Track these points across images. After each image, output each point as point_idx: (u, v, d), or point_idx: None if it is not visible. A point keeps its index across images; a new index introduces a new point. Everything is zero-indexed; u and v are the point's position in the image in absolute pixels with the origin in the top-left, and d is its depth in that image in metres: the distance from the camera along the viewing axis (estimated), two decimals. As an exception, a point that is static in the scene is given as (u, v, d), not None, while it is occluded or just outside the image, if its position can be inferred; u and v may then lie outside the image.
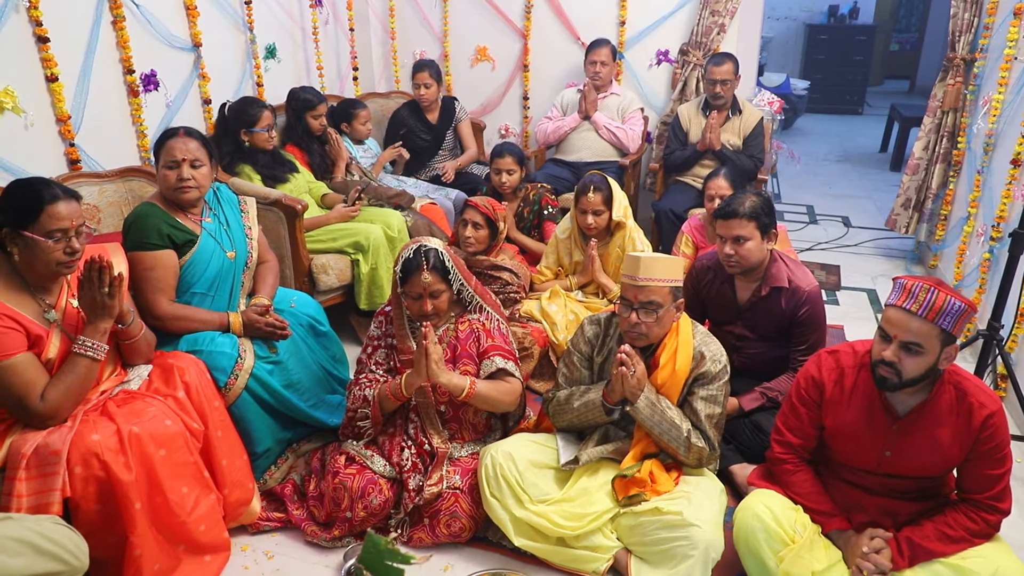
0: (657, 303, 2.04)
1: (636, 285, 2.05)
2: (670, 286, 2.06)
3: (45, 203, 1.88)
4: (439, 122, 4.32)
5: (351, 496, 2.19)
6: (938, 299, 1.73)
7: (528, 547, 2.11)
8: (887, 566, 1.86)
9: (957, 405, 1.86)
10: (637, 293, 2.05)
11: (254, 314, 2.40)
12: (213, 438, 2.16)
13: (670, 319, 2.09)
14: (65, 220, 1.90)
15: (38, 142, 2.72)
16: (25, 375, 1.87)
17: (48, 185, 1.92)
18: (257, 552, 2.24)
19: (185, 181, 2.29)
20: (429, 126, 4.31)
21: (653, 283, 2.03)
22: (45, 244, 1.88)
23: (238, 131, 3.18)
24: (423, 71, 4.21)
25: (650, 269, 2.04)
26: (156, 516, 1.95)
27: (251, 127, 3.15)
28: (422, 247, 2.23)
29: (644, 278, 2.04)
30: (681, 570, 1.91)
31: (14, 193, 1.91)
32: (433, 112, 4.32)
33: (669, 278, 2.05)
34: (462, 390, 2.20)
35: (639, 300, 2.05)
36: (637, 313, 2.06)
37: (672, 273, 2.07)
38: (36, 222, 1.87)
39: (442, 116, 4.33)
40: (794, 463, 2.05)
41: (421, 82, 4.21)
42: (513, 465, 2.12)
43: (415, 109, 4.32)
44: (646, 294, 2.04)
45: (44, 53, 2.69)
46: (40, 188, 1.90)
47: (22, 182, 1.94)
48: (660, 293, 2.04)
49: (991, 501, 1.88)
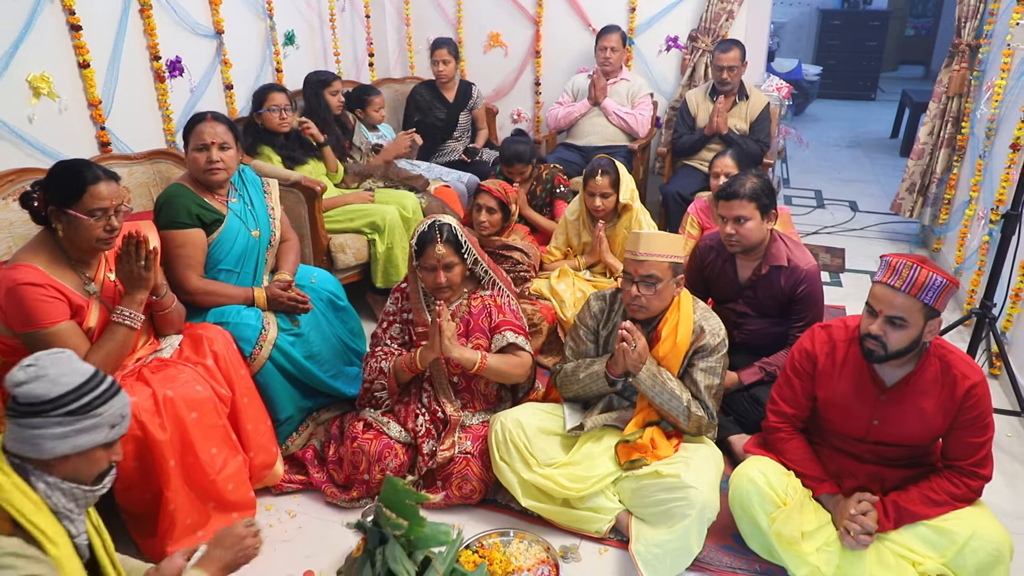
0: (656, 277, 2.16)
1: (636, 259, 2.17)
2: (669, 261, 2.17)
3: (88, 184, 2.00)
4: (456, 101, 4.44)
5: (368, 459, 2.33)
6: (921, 275, 1.83)
7: (535, 508, 2.25)
8: (872, 527, 1.97)
9: (942, 376, 1.96)
10: (638, 267, 2.17)
11: (277, 289, 2.54)
12: (240, 404, 2.31)
13: (669, 293, 2.21)
14: (106, 200, 2.02)
15: (71, 126, 2.84)
16: (68, 341, 2.00)
17: (90, 167, 2.05)
18: (280, 512, 2.39)
19: (214, 163, 2.42)
20: (446, 104, 4.43)
21: (652, 258, 2.15)
22: (87, 222, 2.01)
23: (252, 113, 3.31)
24: (441, 48, 4.33)
25: (650, 244, 2.16)
26: (188, 474, 2.09)
27: (259, 108, 3.28)
28: (436, 221, 2.35)
29: (644, 253, 2.16)
30: (678, 529, 2.03)
31: (59, 174, 2.04)
32: (450, 91, 4.44)
33: (668, 254, 2.17)
34: (474, 364, 2.32)
35: (639, 274, 2.17)
36: (637, 286, 2.17)
37: (671, 249, 2.18)
38: (79, 201, 2.00)
39: (459, 96, 4.45)
40: (788, 431, 2.17)
41: (439, 58, 4.33)
42: (522, 431, 2.25)
43: (432, 87, 4.45)
44: (646, 268, 2.16)
45: (77, 40, 2.81)
46: (83, 169, 2.03)
47: (67, 163, 2.07)
48: (659, 268, 2.15)
49: (973, 468, 1.98)
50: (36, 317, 1.95)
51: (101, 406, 1.43)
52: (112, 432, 1.46)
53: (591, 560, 2.18)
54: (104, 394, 1.44)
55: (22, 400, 1.37)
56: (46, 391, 1.37)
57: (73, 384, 1.40)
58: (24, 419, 1.37)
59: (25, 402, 1.37)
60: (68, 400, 1.39)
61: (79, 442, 1.40)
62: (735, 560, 2.16)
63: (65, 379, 1.40)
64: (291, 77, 4.01)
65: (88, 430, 1.41)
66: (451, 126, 4.44)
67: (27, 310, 1.95)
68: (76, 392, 1.40)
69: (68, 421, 1.38)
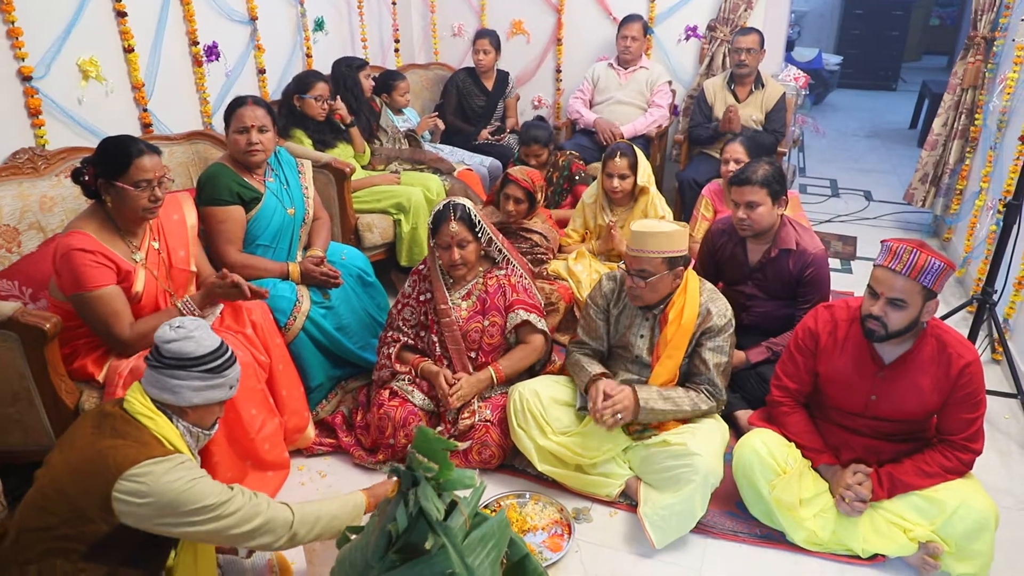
0: (648, 271, 2.28)
1: (631, 255, 2.31)
2: (662, 257, 2.26)
3: (133, 157, 2.15)
4: (494, 89, 4.62)
5: (394, 425, 2.48)
6: (920, 259, 1.94)
7: (550, 472, 2.39)
8: (867, 495, 2.11)
9: (938, 355, 2.08)
10: (632, 261, 2.31)
11: (310, 264, 2.70)
12: (275, 370, 2.47)
13: (665, 285, 2.32)
14: (149, 172, 2.17)
15: (116, 107, 3.00)
16: (112, 305, 2.16)
17: (135, 141, 2.20)
18: (311, 472, 2.55)
19: (253, 145, 2.57)
20: (485, 91, 4.61)
21: (644, 254, 2.27)
22: (133, 192, 2.15)
23: (292, 96, 3.45)
24: (484, 38, 4.50)
25: (643, 242, 2.27)
26: (230, 432, 2.26)
27: (303, 93, 3.42)
28: (451, 202, 2.50)
29: (637, 249, 2.28)
30: (684, 493, 2.17)
31: (107, 149, 2.19)
32: (489, 79, 4.62)
33: (663, 249, 2.26)
34: (492, 379, 2.52)
35: (633, 267, 2.30)
36: (632, 278, 2.31)
37: (663, 246, 2.26)
38: (126, 173, 2.14)
39: (497, 84, 4.63)
40: (790, 405, 2.29)
41: (481, 48, 4.49)
42: (538, 400, 2.39)
43: (472, 74, 4.61)
44: (638, 263, 2.28)
45: (122, 26, 2.96)
46: (129, 144, 2.18)
47: (114, 139, 2.22)
48: (652, 263, 2.27)
49: (965, 442, 2.10)
50: (83, 280, 2.10)
51: (227, 369, 1.73)
52: (230, 392, 1.77)
53: (602, 521, 2.33)
54: (229, 359, 1.75)
55: (169, 355, 1.65)
56: (192, 349, 1.67)
57: (212, 347, 1.70)
58: (170, 371, 1.66)
59: (172, 357, 1.65)
60: (208, 360, 1.69)
61: (210, 396, 1.71)
62: (737, 524, 2.30)
63: (207, 342, 1.70)
64: (320, 62, 4.14)
65: (217, 387, 1.72)
66: (489, 112, 4.60)
67: (76, 274, 2.10)
68: (213, 354, 1.70)
69: (205, 377, 1.69)
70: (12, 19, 2.52)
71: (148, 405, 1.67)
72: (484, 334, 2.57)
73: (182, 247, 2.37)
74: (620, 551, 2.21)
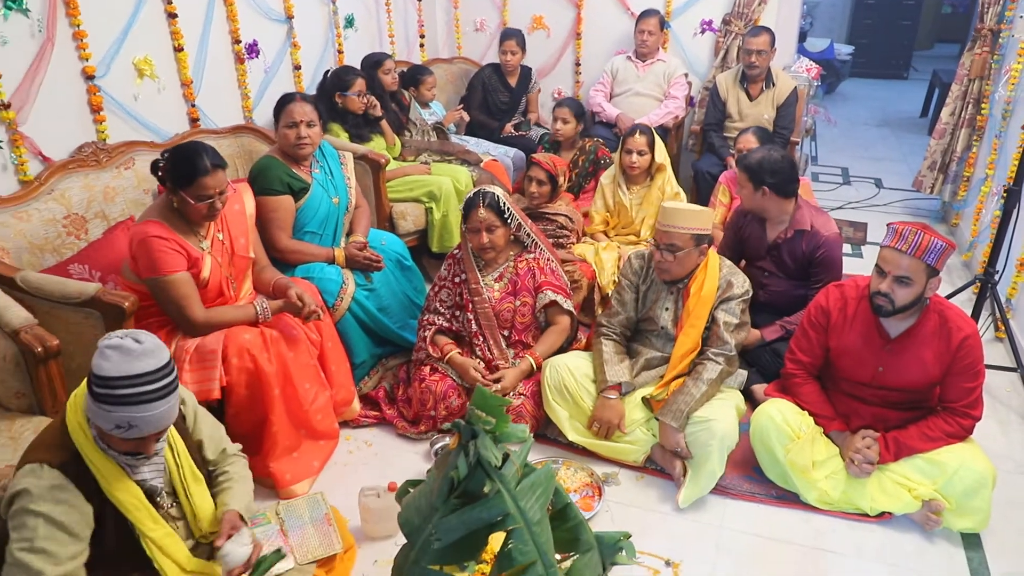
0: (677, 246, 2.47)
1: (661, 230, 2.50)
2: (690, 233, 2.46)
3: (198, 176, 2.28)
4: (518, 85, 4.81)
5: (435, 398, 2.68)
6: (924, 240, 2.12)
7: (581, 441, 2.59)
8: (875, 458, 2.29)
9: (940, 329, 2.25)
10: (662, 236, 2.50)
11: (354, 249, 2.90)
12: (325, 348, 2.67)
13: (692, 261, 2.52)
14: (212, 189, 2.32)
15: (168, 103, 3.20)
16: (183, 289, 2.35)
17: (203, 157, 2.29)
18: (358, 441, 2.76)
19: (302, 139, 2.77)
20: (509, 88, 4.79)
21: (674, 230, 2.47)
22: (193, 204, 2.32)
23: (332, 93, 3.64)
24: (511, 39, 4.67)
25: (673, 218, 2.47)
26: (287, 403, 2.46)
27: (344, 91, 3.61)
28: (481, 190, 2.70)
29: (668, 224, 2.48)
30: (702, 455, 2.37)
31: (177, 161, 2.32)
32: (513, 76, 4.80)
33: (690, 226, 2.46)
34: (532, 368, 2.71)
35: (663, 242, 2.49)
36: (661, 252, 2.50)
37: (694, 222, 2.47)
38: (189, 187, 2.30)
39: (520, 81, 4.81)
40: (803, 377, 2.48)
41: (508, 48, 4.67)
42: (570, 375, 2.58)
43: (498, 71, 4.79)
44: (668, 238, 2.48)
45: (173, 27, 3.15)
46: (196, 161, 2.28)
47: (186, 152, 2.33)
48: (681, 238, 2.47)
49: (965, 408, 2.28)
50: (159, 265, 2.29)
51: (112, 404, 1.53)
52: (119, 431, 1.55)
53: (629, 484, 2.52)
54: (122, 397, 1.53)
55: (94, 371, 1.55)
56: (99, 368, 1.54)
57: (110, 373, 1.52)
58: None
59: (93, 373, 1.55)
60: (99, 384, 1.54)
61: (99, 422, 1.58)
62: (755, 487, 2.49)
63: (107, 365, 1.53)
64: (351, 58, 4.33)
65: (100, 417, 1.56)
66: (513, 107, 4.79)
67: (153, 259, 2.29)
68: (107, 381, 1.53)
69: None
70: (78, 23, 2.72)
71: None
72: (516, 313, 2.77)
73: (242, 235, 2.57)
74: (647, 510, 2.41)
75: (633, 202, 3.58)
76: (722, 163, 4.13)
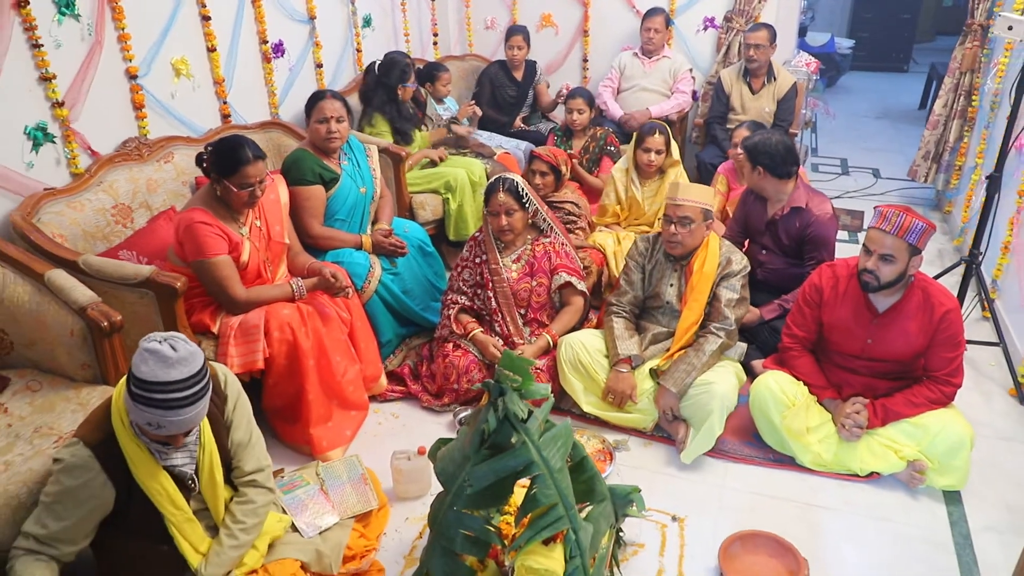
0: (690, 218, 2.69)
1: (675, 203, 2.71)
2: (701, 207, 2.70)
3: (241, 165, 2.49)
4: (524, 80, 5.00)
5: (458, 372, 2.90)
6: (906, 221, 2.32)
7: (595, 412, 2.81)
8: (864, 423, 2.50)
9: (923, 304, 2.45)
10: (676, 210, 2.71)
11: (380, 236, 3.12)
12: (355, 326, 2.88)
13: (700, 234, 2.74)
14: (253, 178, 2.52)
15: (202, 101, 3.40)
16: (225, 270, 2.56)
17: (245, 148, 2.49)
18: (386, 413, 2.98)
19: (333, 133, 2.98)
20: (516, 82, 4.99)
21: (687, 203, 2.69)
22: (236, 192, 2.52)
23: (394, 86, 3.80)
24: (517, 35, 4.85)
25: (686, 192, 2.72)
26: (321, 375, 2.67)
27: (406, 82, 3.81)
28: (501, 176, 2.92)
29: (681, 198, 2.70)
30: (702, 415, 2.59)
31: (222, 151, 2.53)
32: (519, 71, 4.99)
33: (700, 200, 2.71)
34: (549, 344, 2.91)
35: (677, 215, 2.70)
36: (675, 225, 2.71)
37: (703, 197, 2.72)
38: (233, 176, 2.50)
39: (526, 75, 5.00)
40: (798, 350, 2.68)
41: (515, 44, 4.85)
42: (584, 350, 2.80)
43: (504, 67, 4.98)
44: (683, 211, 2.69)
45: (207, 29, 3.35)
46: (239, 151, 2.48)
47: (230, 143, 2.53)
48: (693, 211, 2.69)
49: (947, 377, 2.48)
50: (204, 248, 2.50)
51: (144, 405, 1.63)
52: (149, 428, 1.67)
53: (638, 450, 2.74)
54: (153, 400, 1.62)
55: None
56: (136, 369, 1.64)
57: (146, 377, 1.62)
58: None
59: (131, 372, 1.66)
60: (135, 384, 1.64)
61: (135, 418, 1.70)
62: (754, 451, 2.70)
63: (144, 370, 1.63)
64: (368, 56, 4.52)
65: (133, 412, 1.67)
66: (521, 101, 4.98)
67: (198, 243, 2.50)
68: (142, 384, 1.63)
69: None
70: (123, 26, 2.92)
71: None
72: (532, 293, 2.98)
73: (278, 223, 2.78)
74: (655, 472, 2.62)
75: (647, 195, 3.78)
76: (724, 154, 4.32)
